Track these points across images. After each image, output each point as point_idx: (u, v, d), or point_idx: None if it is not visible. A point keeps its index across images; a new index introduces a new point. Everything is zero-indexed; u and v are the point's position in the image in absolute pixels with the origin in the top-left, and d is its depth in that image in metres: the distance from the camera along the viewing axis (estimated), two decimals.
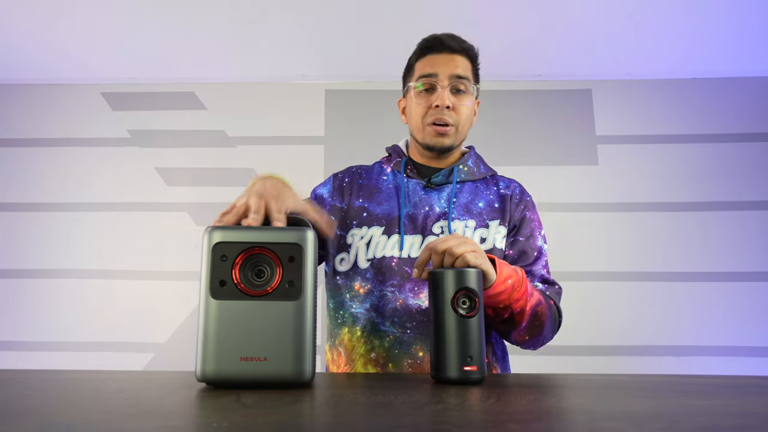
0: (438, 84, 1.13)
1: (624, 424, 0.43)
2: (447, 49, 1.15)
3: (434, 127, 1.14)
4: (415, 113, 1.17)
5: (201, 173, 2.88)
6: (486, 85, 2.92)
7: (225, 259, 0.67)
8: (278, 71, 2.90)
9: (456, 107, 1.14)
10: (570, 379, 0.79)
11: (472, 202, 1.16)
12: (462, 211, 1.15)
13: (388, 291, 1.08)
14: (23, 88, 2.98)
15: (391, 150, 1.28)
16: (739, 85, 2.88)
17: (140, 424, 0.43)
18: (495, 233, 1.13)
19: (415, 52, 1.21)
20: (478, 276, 0.76)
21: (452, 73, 1.13)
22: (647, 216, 2.77)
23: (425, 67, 1.16)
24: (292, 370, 0.64)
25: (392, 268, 1.09)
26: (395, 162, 1.25)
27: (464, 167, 1.20)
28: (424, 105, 1.15)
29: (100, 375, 0.80)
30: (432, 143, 1.16)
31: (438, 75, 1.13)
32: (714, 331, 2.63)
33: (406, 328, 1.06)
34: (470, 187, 1.19)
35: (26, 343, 2.71)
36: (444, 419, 0.46)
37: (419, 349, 1.04)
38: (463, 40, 1.18)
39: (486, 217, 1.15)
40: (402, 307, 1.07)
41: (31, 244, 2.81)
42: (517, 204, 1.18)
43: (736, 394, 0.62)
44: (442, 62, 1.14)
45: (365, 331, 1.09)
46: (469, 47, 1.18)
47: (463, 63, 1.15)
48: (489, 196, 1.18)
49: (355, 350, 1.09)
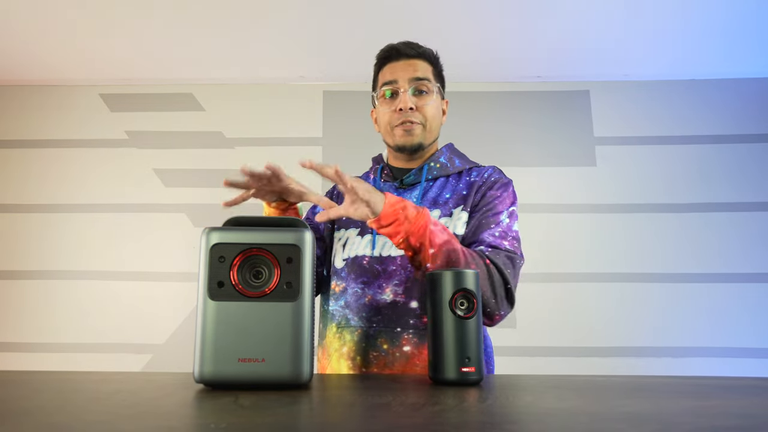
0: (399, 89, 1.19)
1: (622, 425, 0.43)
2: (404, 55, 1.21)
3: (401, 127, 1.19)
4: (382, 120, 1.23)
5: (199, 174, 2.88)
6: (484, 86, 2.95)
7: (223, 261, 0.67)
8: (276, 72, 2.90)
9: (419, 107, 1.19)
10: (568, 380, 0.79)
11: (440, 195, 1.19)
12: (429, 204, 1.18)
13: (359, 288, 1.14)
14: (21, 89, 2.97)
15: (374, 159, 1.35)
16: (737, 86, 2.89)
17: (138, 425, 0.43)
18: (457, 220, 1.14)
19: (375, 64, 1.27)
20: (476, 277, 0.76)
21: (411, 77, 1.19)
22: (645, 217, 2.77)
23: (386, 76, 1.22)
24: (290, 371, 0.64)
25: (363, 266, 1.15)
26: (374, 169, 1.32)
27: (436, 164, 1.23)
28: (389, 111, 1.21)
29: (97, 376, 0.79)
30: (401, 143, 1.20)
31: (398, 81, 1.19)
32: (712, 332, 2.64)
33: (372, 323, 1.10)
34: (441, 182, 1.22)
35: (24, 344, 2.71)
36: (442, 420, 0.46)
37: (383, 342, 1.08)
38: (420, 46, 1.23)
39: (451, 206, 1.16)
40: (370, 302, 1.12)
41: (29, 246, 2.81)
42: (480, 186, 1.18)
43: (734, 396, 0.62)
44: (401, 68, 1.20)
45: (339, 327, 1.15)
46: (425, 51, 1.23)
47: (421, 66, 1.21)
48: (458, 186, 1.20)
49: (332, 346, 1.15)
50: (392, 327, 1.08)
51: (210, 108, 2.97)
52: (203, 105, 2.97)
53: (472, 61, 2.78)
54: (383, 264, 1.13)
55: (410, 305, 1.09)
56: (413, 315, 1.09)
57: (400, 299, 1.10)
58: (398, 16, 2.40)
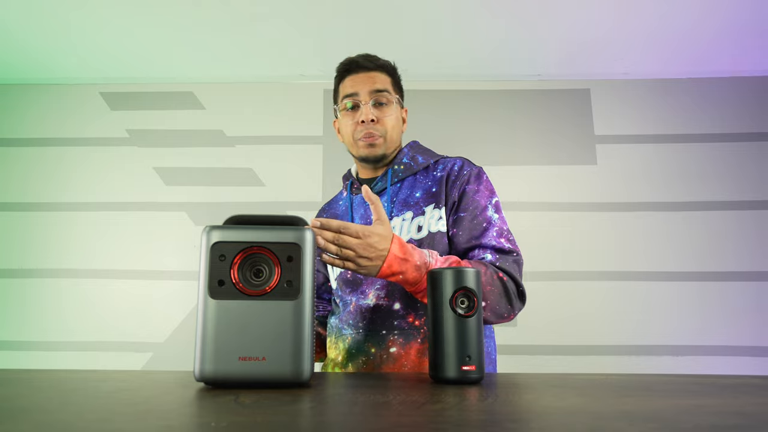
0: (360, 101, 1.22)
1: (622, 423, 0.43)
2: (363, 68, 1.25)
3: (364, 140, 1.22)
4: (345, 132, 1.26)
5: (199, 173, 2.88)
6: (485, 84, 2.95)
7: (223, 259, 0.67)
8: (277, 71, 2.90)
9: (380, 119, 1.22)
10: (568, 378, 0.79)
11: (410, 195, 1.21)
12: (401, 206, 1.19)
13: (347, 298, 1.19)
14: (22, 88, 2.97)
15: (344, 177, 1.39)
16: (738, 84, 2.89)
17: (138, 423, 0.43)
18: (429, 218, 1.15)
19: (335, 76, 1.31)
20: (476, 275, 0.76)
21: (371, 89, 1.22)
22: (646, 215, 2.77)
23: (347, 88, 1.25)
24: (291, 369, 0.64)
25: (347, 278, 1.19)
26: (345, 185, 1.36)
27: (399, 166, 1.26)
28: (351, 123, 1.24)
29: (98, 374, 0.79)
30: (365, 154, 1.23)
31: (359, 93, 1.22)
32: (712, 330, 2.64)
33: (359, 328, 1.14)
34: (410, 181, 1.24)
35: (24, 342, 2.71)
36: (442, 419, 0.46)
37: (371, 346, 1.11)
38: (378, 58, 1.28)
39: (422, 205, 1.18)
40: (355, 309, 1.15)
41: (30, 244, 2.81)
42: (454, 181, 1.19)
43: (734, 394, 0.62)
44: (361, 81, 1.24)
45: (334, 337, 1.19)
46: (384, 63, 1.28)
47: (380, 78, 1.25)
48: (427, 183, 1.22)
49: (329, 356, 1.20)
50: (378, 330, 1.11)
51: (210, 106, 2.97)
52: (204, 103, 2.97)
53: (473, 60, 2.78)
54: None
55: (393, 307, 1.11)
56: (397, 316, 1.11)
57: (383, 302, 1.12)
58: (398, 15, 2.40)
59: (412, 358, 1.07)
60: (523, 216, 2.76)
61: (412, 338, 1.09)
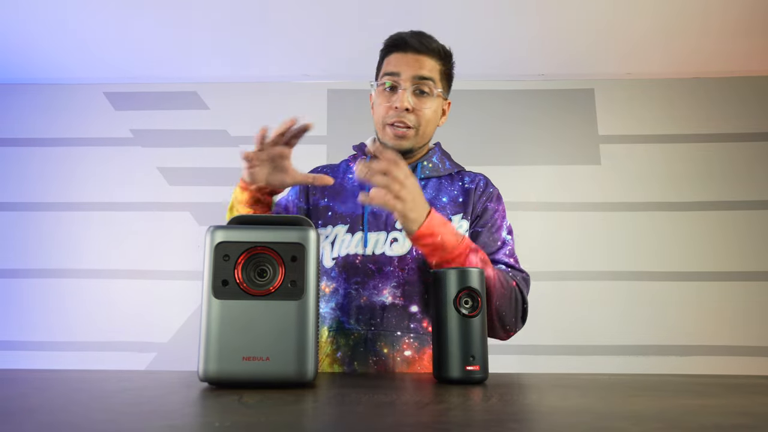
0: (400, 84, 1.10)
1: (626, 423, 0.43)
2: (411, 48, 1.12)
3: (394, 129, 1.11)
4: (377, 112, 1.15)
5: (203, 173, 2.88)
6: (489, 84, 2.94)
7: (227, 259, 0.67)
8: (280, 71, 2.90)
9: (417, 110, 1.10)
10: (572, 378, 0.79)
11: (436, 198, 1.15)
12: None
13: (353, 289, 1.08)
14: (26, 88, 2.99)
15: (357, 148, 1.27)
16: (742, 84, 2.87)
17: (142, 423, 0.43)
18: (458, 227, 1.11)
19: (381, 49, 1.18)
20: (480, 275, 0.76)
21: (415, 74, 1.10)
22: (650, 215, 2.76)
23: (390, 65, 1.13)
24: (295, 369, 0.64)
25: (356, 265, 1.09)
26: (360, 160, 1.25)
27: (428, 163, 1.19)
28: (385, 105, 1.12)
29: (101, 374, 0.80)
30: (391, 145, 1.12)
31: (401, 74, 1.10)
32: (717, 330, 2.63)
33: (370, 326, 1.06)
34: (435, 183, 1.17)
35: (29, 342, 2.72)
36: (446, 419, 0.46)
37: (383, 347, 1.04)
38: (433, 40, 1.15)
39: (449, 212, 1.13)
40: (366, 304, 1.07)
41: (33, 244, 2.82)
42: (480, 195, 1.16)
43: (739, 394, 0.62)
44: (406, 62, 1.11)
45: (331, 330, 1.09)
46: (437, 48, 1.14)
47: (429, 63, 1.12)
48: (453, 192, 1.17)
49: (322, 350, 1.09)
50: (392, 331, 1.05)
51: (214, 106, 2.97)
52: (207, 103, 2.97)
53: (476, 60, 2.78)
54: (377, 263, 1.09)
55: (410, 309, 1.06)
56: (414, 319, 1.06)
57: (399, 302, 1.06)
58: (401, 14, 2.40)
59: (425, 364, 1.05)
60: (527, 216, 2.75)
61: (426, 344, 1.05)
